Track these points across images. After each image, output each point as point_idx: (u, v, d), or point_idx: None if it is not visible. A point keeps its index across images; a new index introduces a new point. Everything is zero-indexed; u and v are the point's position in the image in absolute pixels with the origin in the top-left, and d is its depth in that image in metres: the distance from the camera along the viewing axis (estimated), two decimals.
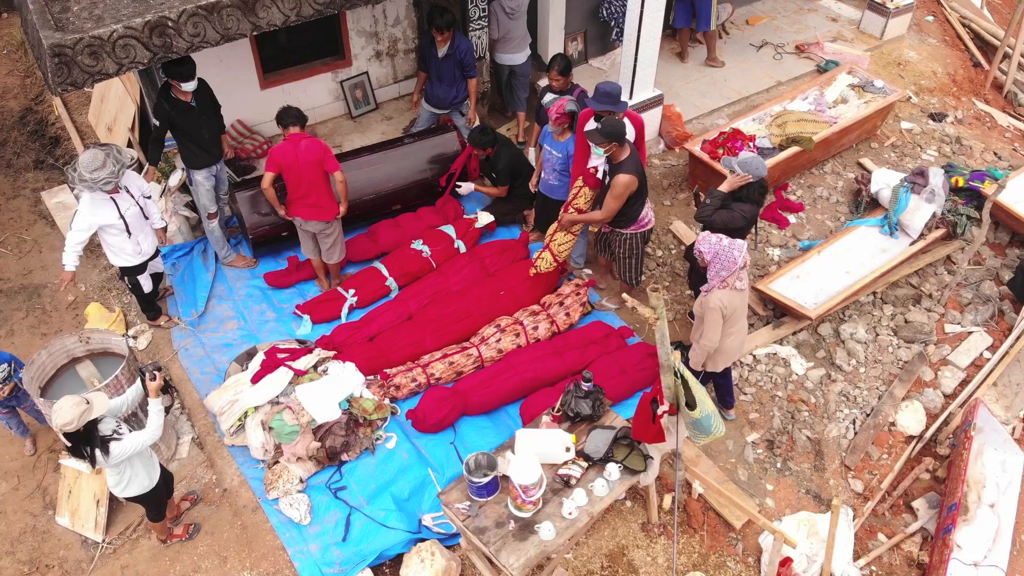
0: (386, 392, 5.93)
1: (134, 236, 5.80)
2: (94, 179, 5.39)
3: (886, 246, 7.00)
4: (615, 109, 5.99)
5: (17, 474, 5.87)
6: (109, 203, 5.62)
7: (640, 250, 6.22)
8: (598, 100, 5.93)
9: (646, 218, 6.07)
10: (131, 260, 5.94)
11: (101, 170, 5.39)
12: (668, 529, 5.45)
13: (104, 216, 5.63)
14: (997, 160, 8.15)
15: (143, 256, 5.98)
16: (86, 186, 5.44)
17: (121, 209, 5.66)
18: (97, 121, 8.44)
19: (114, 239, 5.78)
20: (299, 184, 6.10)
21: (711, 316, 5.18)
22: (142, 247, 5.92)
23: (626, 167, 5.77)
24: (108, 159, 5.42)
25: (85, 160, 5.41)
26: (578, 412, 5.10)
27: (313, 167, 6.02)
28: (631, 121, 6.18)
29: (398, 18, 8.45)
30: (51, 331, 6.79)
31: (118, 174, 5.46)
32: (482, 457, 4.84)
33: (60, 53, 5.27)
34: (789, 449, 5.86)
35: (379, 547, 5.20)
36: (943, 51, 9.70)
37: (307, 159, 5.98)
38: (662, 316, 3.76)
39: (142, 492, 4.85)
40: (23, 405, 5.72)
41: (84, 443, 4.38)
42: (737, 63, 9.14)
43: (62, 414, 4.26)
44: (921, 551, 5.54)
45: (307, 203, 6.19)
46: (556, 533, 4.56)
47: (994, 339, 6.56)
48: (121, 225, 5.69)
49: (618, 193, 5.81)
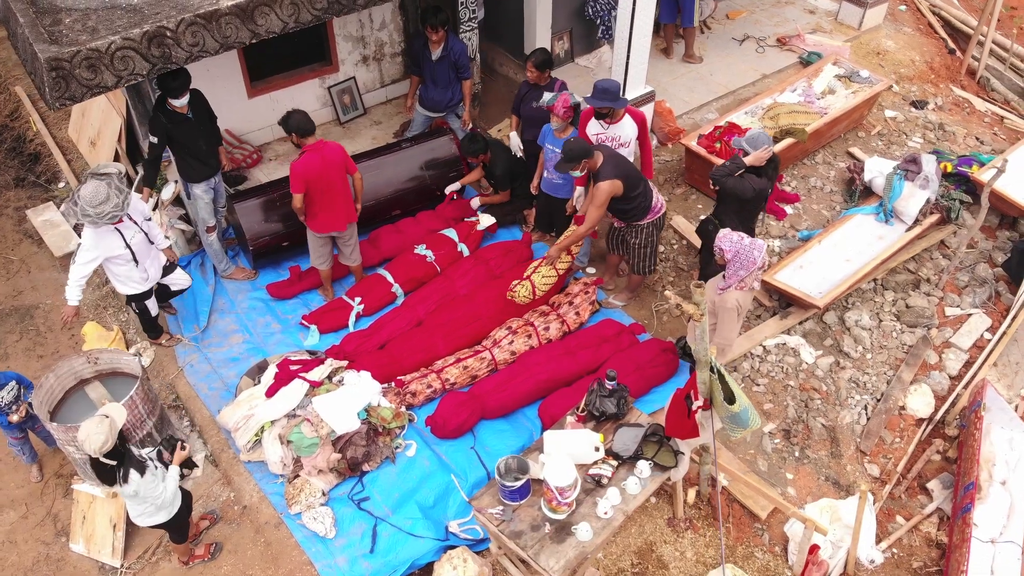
0: (403, 399, 5.87)
1: (141, 264, 5.61)
2: (99, 214, 5.14)
3: (882, 233, 7.12)
4: (614, 106, 6.01)
5: (25, 502, 5.70)
6: (114, 234, 5.40)
7: (656, 238, 6.26)
8: (597, 98, 5.95)
9: (658, 204, 6.09)
10: (138, 288, 5.76)
11: (105, 204, 5.14)
12: (694, 523, 5.48)
13: (110, 248, 5.42)
14: (980, 145, 8.33)
15: (150, 283, 5.80)
16: (90, 221, 5.18)
17: (127, 238, 5.45)
18: (79, 136, 8.24)
19: (120, 268, 5.58)
20: (326, 192, 6.00)
21: (727, 316, 5.22)
22: (149, 273, 5.74)
23: (604, 173, 5.78)
24: (111, 190, 5.17)
25: (87, 194, 5.14)
26: (603, 411, 5.10)
27: (339, 169, 5.97)
28: (633, 118, 6.21)
29: (384, 22, 8.38)
30: (47, 353, 6.61)
31: (122, 205, 5.20)
32: (512, 461, 4.81)
33: (57, 67, 5.14)
34: (806, 437, 5.93)
35: (408, 556, 5.14)
36: (919, 39, 9.89)
37: (333, 162, 5.92)
38: (705, 312, 3.77)
39: (167, 519, 4.74)
40: (36, 426, 5.55)
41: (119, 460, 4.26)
42: (721, 57, 9.22)
43: (95, 437, 4.14)
44: (939, 531, 5.64)
45: (335, 210, 6.09)
46: (593, 533, 4.56)
47: (993, 320, 6.70)
48: (128, 255, 5.48)
49: (600, 202, 5.83)
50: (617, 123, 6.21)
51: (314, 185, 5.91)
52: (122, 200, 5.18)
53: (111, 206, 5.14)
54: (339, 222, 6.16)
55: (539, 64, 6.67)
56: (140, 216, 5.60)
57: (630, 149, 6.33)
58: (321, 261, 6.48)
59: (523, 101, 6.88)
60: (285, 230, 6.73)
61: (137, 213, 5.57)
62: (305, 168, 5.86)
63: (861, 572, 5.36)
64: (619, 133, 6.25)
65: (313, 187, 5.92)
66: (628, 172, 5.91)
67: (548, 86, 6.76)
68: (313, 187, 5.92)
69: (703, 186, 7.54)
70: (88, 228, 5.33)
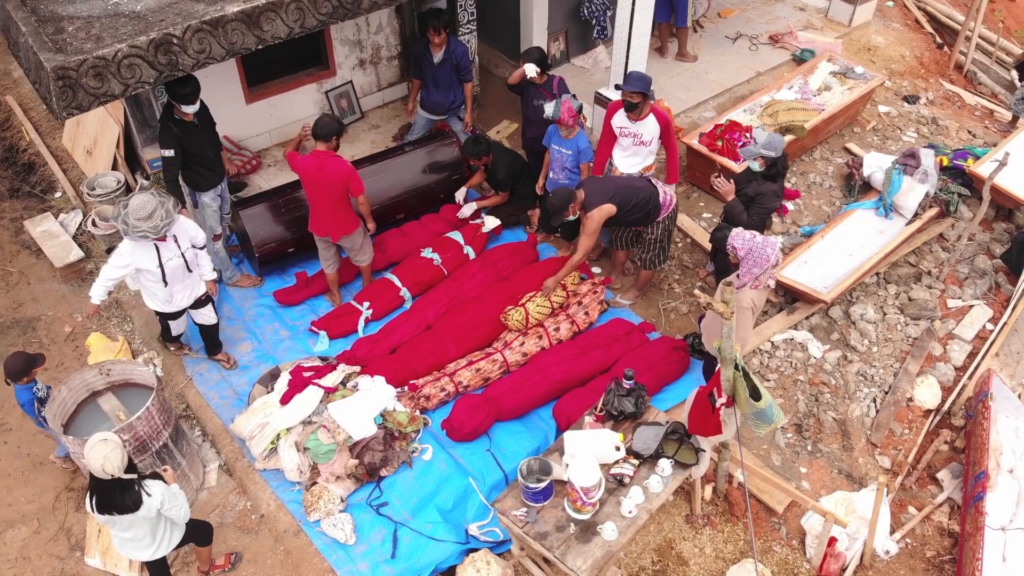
0: (416, 403, 5.86)
1: (170, 287, 5.48)
2: (135, 228, 5.06)
3: (883, 227, 7.21)
4: (646, 94, 6.06)
5: (36, 517, 5.62)
6: (150, 249, 5.30)
7: (671, 231, 6.31)
8: (631, 85, 6.04)
9: (668, 199, 6.13)
10: (161, 307, 5.66)
11: (147, 220, 5.05)
12: (712, 519, 5.52)
13: (142, 260, 5.32)
14: (972, 138, 8.46)
15: (174, 307, 5.66)
16: (125, 232, 5.11)
17: (162, 258, 5.33)
18: (73, 145, 8.15)
19: (148, 282, 5.49)
20: (312, 197, 6.04)
21: (743, 315, 5.25)
22: (175, 299, 5.59)
23: (592, 203, 5.86)
24: (159, 209, 5.08)
25: (135, 206, 5.07)
26: (622, 410, 5.13)
27: (331, 186, 5.91)
28: (657, 118, 6.24)
29: (380, 25, 8.36)
30: (52, 365, 6.52)
31: (160, 230, 5.10)
32: (534, 462, 4.82)
33: (64, 76, 5.08)
34: (817, 431, 5.99)
35: (431, 561, 5.14)
36: (907, 35, 10.02)
37: (327, 176, 5.87)
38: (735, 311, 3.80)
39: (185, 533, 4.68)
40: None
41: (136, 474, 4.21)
42: (715, 56, 9.29)
43: (113, 456, 4.05)
44: (950, 520, 5.71)
45: (327, 220, 6.10)
46: (619, 532, 4.58)
47: (994, 311, 6.80)
48: (158, 273, 5.37)
49: (592, 230, 5.92)
50: (641, 120, 6.25)
51: (304, 185, 6.05)
52: (163, 224, 5.09)
53: (150, 225, 5.05)
54: (320, 228, 6.21)
55: (532, 62, 6.68)
56: (187, 241, 5.47)
57: (650, 148, 6.37)
58: (326, 263, 6.49)
59: (524, 98, 6.89)
60: (290, 236, 6.69)
61: (184, 237, 5.44)
62: (297, 165, 5.97)
63: (877, 563, 5.42)
64: (642, 131, 6.30)
65: (304, 186, 6.06)
66: (616, 191, 5.93)
67: (546, 84, 6.77)
68: (304, 186, 6.06)
69: (704, 184, 7.58)
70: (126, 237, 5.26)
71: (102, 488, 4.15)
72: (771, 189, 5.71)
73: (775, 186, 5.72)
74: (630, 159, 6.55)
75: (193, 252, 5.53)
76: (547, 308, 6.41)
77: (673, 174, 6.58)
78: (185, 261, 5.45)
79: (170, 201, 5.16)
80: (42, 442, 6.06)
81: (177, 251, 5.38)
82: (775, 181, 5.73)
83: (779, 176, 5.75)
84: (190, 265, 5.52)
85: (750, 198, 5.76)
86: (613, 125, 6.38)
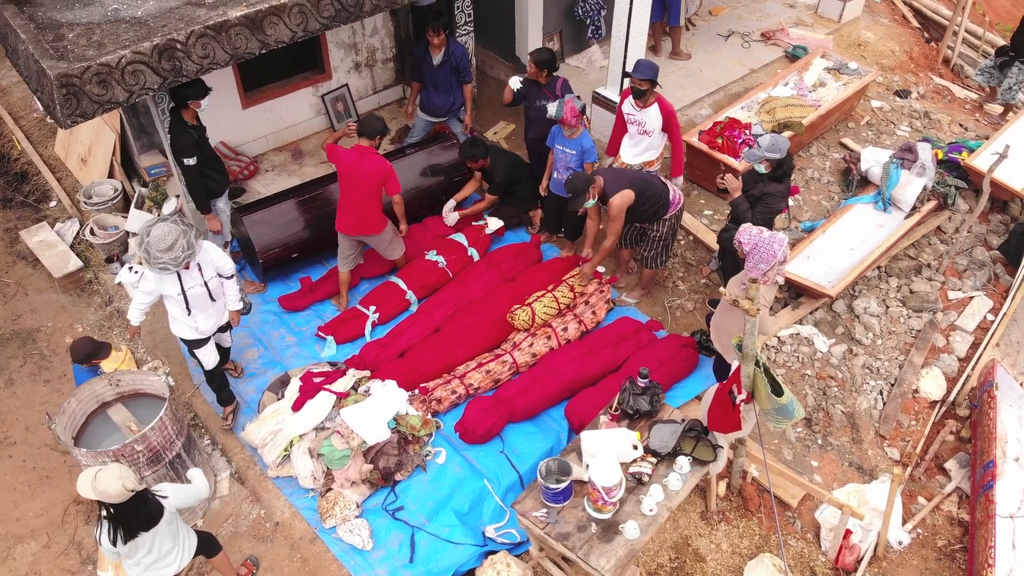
0: (428, 407, 5.84)
1: (194, 315, 5.28)
2: (156, 259, 4.86)
3: (882, 221, 7.28)
4: (654, 80, 6.19)
5: (46, 531, 5.55)
6: (172, 277, 5.09)
7: (676, 230, 6.36)
8: (640, 72, 6.16)
9: (676, 197, 6.17)
10: (185, 333, 5.42)
11: (168, 252, 4.85)
12: (727, 515, 5.54)
13: (164, 287, 5.14)
14: (964, 131, 8.56)
15: (199, 335, 5.41)
16: (147, 262, 4.91)
17: (184, 286, 5.13)
18: (67, 153, 8.05)
19: (172, 308, 5.31)
20: (344, 191, 6.09)
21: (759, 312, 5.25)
22: (199, 326, 5.36)
23: (611, 190, 5.92)
24: (180, 239, 4.87)
25: (156, 236, 4.86)
26: (637, 409, 5.13)
27: (365, 183, 5.98)
28: (661, 107, 6.31)
29: (375, 28, 8.33)
30: (54, 377, 6.46)
31: (181, 261, 4.89)
32: (553, 463, 4.82)
33: (68, 83, 5.03)
34: (827, 425, 6.03)
35: (450, 564, 5.12)
36: (896, 30, 10.12)
37: (363, 172, 5.94)
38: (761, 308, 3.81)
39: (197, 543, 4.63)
40: None
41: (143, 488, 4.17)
42: (708, 54, 9.33)
43: (127, 474, 4.01)
44: (959, 509, 5.78)
45: (355, 216, 6.15)
46: (641, 531, 4.59)
47: (994, 302, 6.88)
48: (181, 301, 5.18)
49: (616, 214, 5.96)
50: (646, 109, 6.35)
51: (340, 178, 6.10)
52: (184, 256, 4.89)
53: (171, 257, 4.86)
54: (343, 224, 6.24)
55: (539, 62, 6.69)
56: (211, 270, 5.26)
57: (652, 139, 6.42)
58: (343, 262, 6.51)
59: (526, 99, 6.89)
60: (294, 241, 6.65)
61: (208, 266, 5.23)
62: (338, 156, 6.03)
63: (890, 554, 5.47)
64: (645, 119, 6.39)
65: (340, 179, 6.10)
66: (633, 178, 6.03)
67: (550, 85, 6.78)
68: (340, 179, 6.10)
69: (705, 181, 7.62)
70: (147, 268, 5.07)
71: (124, 512, 4.10)
72: (777, 190, 5.74)
73: (781, 187, 5.75)
74: (632, 148, 6.65)
75: (218, 281, 5.32)
76: (554, 308, 6.41)
77: (678, 166, 6.64)
78: (208, 290, 5.25)
79: (192, 231, 4.97)
80: (48, 455, 5.99)
81: (200, 279, 5.19)
82: (781, 182, 5.76)
83: (785, 177, 5.78)
84: (213, 294, 5.30)
85: (756, 198, 5.79)
86: (623, 111, 6.54)
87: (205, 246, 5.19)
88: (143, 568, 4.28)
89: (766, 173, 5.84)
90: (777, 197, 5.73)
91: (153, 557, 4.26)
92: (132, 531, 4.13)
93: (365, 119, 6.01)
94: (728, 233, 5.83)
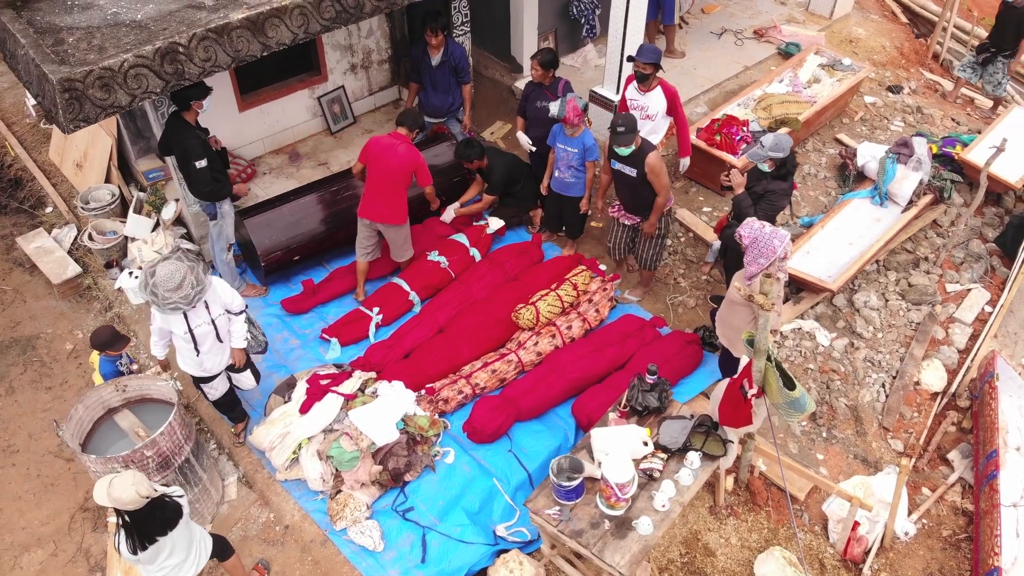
0: (435, 407, 5.84)
1: (202, 354, 5.07)
2: (166, 300, 4.66)
3: (879, 215, 7.34)
4: (657, 64, 6.28)
5: (52, 539, 5.51)
6: (178, 315, 4.86)
7: (666, 231, 6.39)
8: (644, 56, 6.22)
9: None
10: (191, 370, 5.24)
11: (176, 291, 4.65)
12: (735, 510, 5.57)
13: (170, 324, 4.94)
14: (957, 125, 8.65)
15: (204, 373, 5.21)
16: (152, 301, 4.70)
17: (191, 324, 4.91)
18: (61, 159, 7.99)
19: (179, 344, 5.09)
20: (371, 177, 6.17)
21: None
22: (205, 365, 5.15)
23: (647, 146, 5.97)
24: (188, 276, 4.69)
25: (163, 275, 4.66)
26: (646, 405, 5.16)
27: (393, 170, 6.08)
28: (664, 91, 6.37)
29: (371, 29, 8.32)
30: (55, 384, 6.41)
31: (192, 298, 4.71)
32: (564, 461, 4.83)
33: (70, 88, 4.99)
34: (831, 418, 6.08)
35: (462, 564, 5.13)
36: (886, 26, 10.21)
37: (392, 159, 6.04)
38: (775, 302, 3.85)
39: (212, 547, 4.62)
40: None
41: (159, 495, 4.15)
42: (702, 51, 9.38)
43: (141, 481, 3.98)
44: (963, 499, 5.84)
45: (381, 204, 6.22)
46: (654, 527, 4.61)
47: (991, 294, 6.96)
48: (189, 339, 4.96)
49: (659, 170, 5.97)
50: (649, 93, 6.43)
51: (370, 165, 6.16)
52: (193, 294, 4.70)
53: (180, 296, 4.67)
54: (368, 211, 6.32)
55: (544, 63, 6.71)
56: (219, 307, 5.04)
57: (656, 123, 6.46)
58: (361, 252, 6.57)
59: (528, 101, 6.90)
60: (296, 244, 6.64)
61: (216, 304, 5.01)
62: (370, 143, 6.14)
63: (897, 544, 5.52)
64: (648, 103, 6.46)
65: (369, 167, 6.18)
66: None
67: (552, 86, 6.80)
68: (369, 167, 6.18)
69: (703, 179, 7.66)
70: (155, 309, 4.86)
71: (140, 519, 4.07)
72: (781, 187, 5.78)
73: (785, 184, 5.79)
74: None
75: (226, 318, 5.12)
76: (558, 307, 6.43)
77: (685, 146, 6.76)
78: (215, 328, 5.03)
79: (199, 266, 4.78)
80: (52, 463, 5.95)
81: (207, 318, 4.96)
82: (785, 180, 5.80)
83: (788, 175, 5.82)
84: (220, 333, 5.08)
85: (759, 196, 5.82)
86: (626, 97, 6.63)
87: (213, 282, 4.99)
88: (166, 572, 4.25)
89: (769, 172, 5.88)
90: (780, 195, 5.76)
91: (175, 559, 4.24)
92: (149, 536, 4.11)
93: (406, 111, 6.21)
94: (730, 230, 5.86)
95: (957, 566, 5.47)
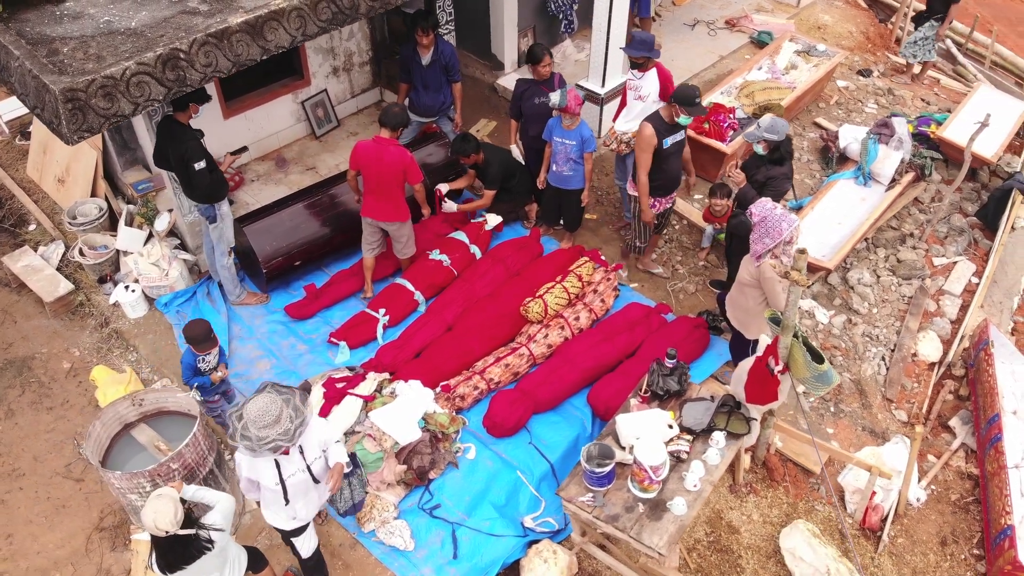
0: (453, 404, 5.85)
1: (292, 504, 4.34)
2: (261, 439, 3.90)
3: (864, 195, 7.55)
4: (651, 55, 6.34)
5: (70, 562, 5.38)
6: (269, 463, 4.17)
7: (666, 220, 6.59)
8: (635, 48, 6.29)
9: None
10: (279, 524, 4.51)
11: (273, 427, 3.92)
12: (755, 487, 5.69)
13: (261, 474, 4.22)
14: (927, 105, 8.93)
15: (297, 523, 4.51)
16: (246, 446, 3.94)
17: (283, 474, 4.19)
18: (41, 175, 7.79)
19: (267, 496, 4.35)
20: (376, 185, 6.16)
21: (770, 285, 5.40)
22: (298, 514, 4.44)
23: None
24: (286, 410, 3.97)
25: (254, 412, 3.92)
26: (667, 389, 5.24)
27: (389, 171, 6.07)
28: (660, 75, 6.44)
29: (352, 31, 8.28)
30: (56, 404, 6.25)
31: (293, 435, 3.96)
32: (594, 448, 4.89)
33: (73, 98, 4.88)
34: (837, 393, 6.24)
35: (494, 557, 5.14)
36: (851, 12, 10.49)
37: (385, 161, 6.03)
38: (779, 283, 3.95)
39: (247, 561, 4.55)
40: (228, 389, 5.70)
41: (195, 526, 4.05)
42: (677, 43, 9.53)
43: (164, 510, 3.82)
44: (967, 464, 6.04)
45: (380, 204, 6.23)
46: (688, 506, 4.69)
47: (976, 265, 7.21)
48: (278, 491, 4.23)
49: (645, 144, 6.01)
50: (645, 74, 6.50)
51: (364, 171, 6.17)
52: (294, 429, 3.97)
53: (277, 432, 3.93)
54: (371, 211, 6.34)
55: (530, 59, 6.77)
56: (317, 448, 4.31)
57: (647, 105, 6.53)
58: (367, 248, 6.59)
59: (523, 99, 6.94)
60: (296, 249, 6.58)
61: (313, 445, 4.29)
62: (357, 148, 6.13)
63: (910, 510, 5.69)
64: (642, 84, 6.54)
65: (363, 172, 6.18)
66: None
67: (547, 81, 6.85)
68: (363, 172, 6.18)
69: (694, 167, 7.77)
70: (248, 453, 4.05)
71: (160, 547, 3.99)
72: (781, 172, 5.92)
73: (784, 169, 5.93)
74: (625, 115, 6.83)
75: (323, 460, 4.36)
76: (564, 298, 6.49)
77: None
78: (312, 474, 4.30)
79: (296, 396, 4.07)
80: (60, 484, 5.80)
81: (302, 464, 4.24)
82: (782, 165, 5.94)
83: (785, 160, 5.96)
84: (317, 476, 4.34)
85: (761, 183, 5.95)
86: (628, 79, 6.74)
87: (310, 419, 4.17)
88: None
89: (765, 156, 6.01)
90: (781, 179, 5.90)
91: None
92: (171, 565, 4.02)
93: (387, 110, 6.09)
94: (736, 219, 5.98)
95: (968, 527, 5.66)
